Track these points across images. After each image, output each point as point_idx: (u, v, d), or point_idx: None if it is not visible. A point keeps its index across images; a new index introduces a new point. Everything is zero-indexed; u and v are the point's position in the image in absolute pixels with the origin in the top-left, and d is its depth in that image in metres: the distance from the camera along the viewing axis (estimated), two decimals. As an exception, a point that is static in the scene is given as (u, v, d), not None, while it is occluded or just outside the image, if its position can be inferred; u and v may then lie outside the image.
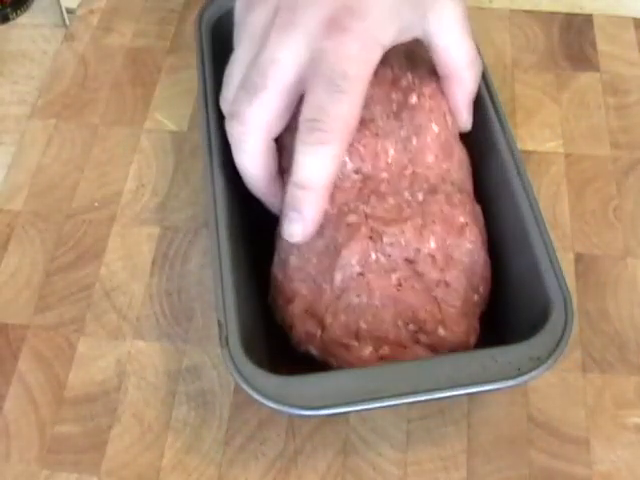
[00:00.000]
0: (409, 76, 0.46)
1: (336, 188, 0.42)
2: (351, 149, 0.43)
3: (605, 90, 0.58)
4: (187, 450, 0.43)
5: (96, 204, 0.52)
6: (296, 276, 0.42)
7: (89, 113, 0.57)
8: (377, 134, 0.43)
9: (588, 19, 0.63)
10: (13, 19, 0.63)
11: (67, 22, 0.62)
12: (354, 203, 0.42)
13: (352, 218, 0.42)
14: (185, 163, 0.54)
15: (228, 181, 0.44)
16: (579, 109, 0.57)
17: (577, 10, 0.64)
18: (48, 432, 0.44)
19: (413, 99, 0.45)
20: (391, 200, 0.42)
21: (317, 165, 0.39)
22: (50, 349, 0.46)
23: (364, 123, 0.43)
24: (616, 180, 0.54)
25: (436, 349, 0.40)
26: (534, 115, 0.57)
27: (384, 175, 0.43)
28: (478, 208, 0.45)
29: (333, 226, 0.42)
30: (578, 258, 0.50)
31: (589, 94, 0.58)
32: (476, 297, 0.42)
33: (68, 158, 0.55)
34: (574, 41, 0.61)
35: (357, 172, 0.43)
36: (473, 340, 0.41)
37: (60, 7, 0.62)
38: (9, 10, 0.63)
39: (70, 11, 0.62)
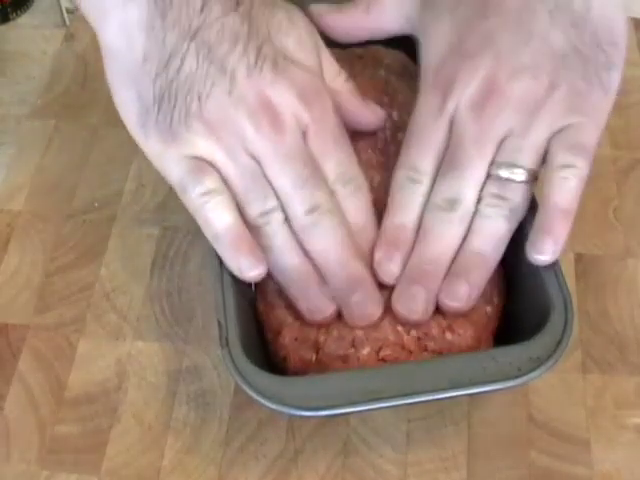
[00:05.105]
0: (395, 115, 0.46)
1: None
2: None
3: (605, 90, 0.58)
4: (187, 450, 0.43)
5: (96, 204, 0.52)
6: (277, 302, 0.41)
7: (89, 113, 0.57)
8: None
9: (588, 19, 0.63)
10: (13, 19, 0.63)
11: (67, 22, 0.62)
12: None
13: None
14: (185, 163, 0.54)
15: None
16: (579, 109, 0.57)
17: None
18: (48, 432, 0.44)
19: (400, 136, 0.45)
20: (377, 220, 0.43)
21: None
22: (50, 349, 0.46)
23: None
24: (616, 180, 0.54)
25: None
26: (534, 115, 0.57)
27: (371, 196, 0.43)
28: None
29: None
30: (578, 258, 0.50)
31: (589, 94, 0.58)
32: (489, 308, 0.41)
33: (68, 158, 0.55)
34: (574, 41, 0.61)
35: None
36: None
37: (60, 7, 0.62)
38: (9, 10, 0.63)
39: (70, 11, 0.62)
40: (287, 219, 0.40)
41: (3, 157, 0.55)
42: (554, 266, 0.40)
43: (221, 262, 0.40)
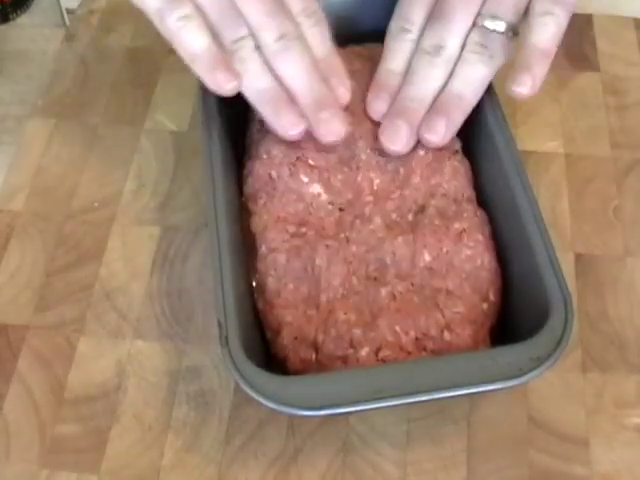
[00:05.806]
0: None
1: (310, 215, 0.43)
2: (327, 183, 0.44)
3: (605, 90, 0.58)
4: (187, 449, 0.43)
5: (96, 204, 0.52)
6: (276, 302, 0.41)
7: (89, 113, 0.57)
8: (358, 167, 0.45)
9: (588, 19, 0.63)
10: (13, 19, 0.63)
11: (67, 22, 0.62)
12: (333, 230, 0.43)
13: (330, 242, 0.42)
14: (185, 163, 0.54)
15: (228, 181, 0.44)
16: (579, 109, 0.57)
17: (577, 10, 0.63)
18: (48, 432, 0.44)
19: None
20: (378, 220, 0.43)
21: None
22: (50, 349, 0.46)
23: (342, 161, 0.45)
24: (616, 180, 0.54)
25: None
26: (534, 115, 0.57)
27: (369, 199, 0.44)
28: (481, 213, 0.45)
29: (311, 247, 0.42)
30: (578, 258, 0.50)
31: (589, 94, 0.58)
32: (485, 306, 0.42)
33: (68, 158, 0.55)
34: (574, 41, 0.61)
35: (331, 203, 0.44)
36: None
37: (60, 7, 0.62)
38: (9, 10, 0.63)
39: (70, 11, 0.62)
40: (258, 47, 0.43)
41: (3, 157, 0.55)
42: (552, 263, 0.40)
43: (221, 262, 0.40)
